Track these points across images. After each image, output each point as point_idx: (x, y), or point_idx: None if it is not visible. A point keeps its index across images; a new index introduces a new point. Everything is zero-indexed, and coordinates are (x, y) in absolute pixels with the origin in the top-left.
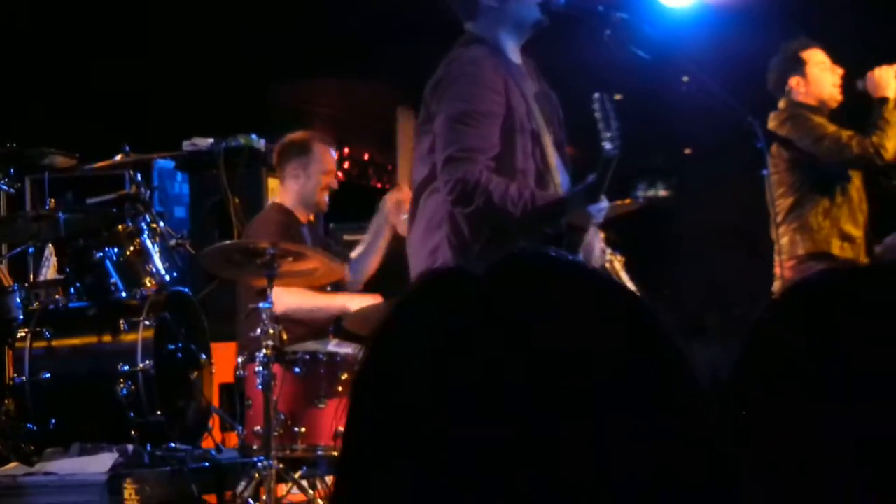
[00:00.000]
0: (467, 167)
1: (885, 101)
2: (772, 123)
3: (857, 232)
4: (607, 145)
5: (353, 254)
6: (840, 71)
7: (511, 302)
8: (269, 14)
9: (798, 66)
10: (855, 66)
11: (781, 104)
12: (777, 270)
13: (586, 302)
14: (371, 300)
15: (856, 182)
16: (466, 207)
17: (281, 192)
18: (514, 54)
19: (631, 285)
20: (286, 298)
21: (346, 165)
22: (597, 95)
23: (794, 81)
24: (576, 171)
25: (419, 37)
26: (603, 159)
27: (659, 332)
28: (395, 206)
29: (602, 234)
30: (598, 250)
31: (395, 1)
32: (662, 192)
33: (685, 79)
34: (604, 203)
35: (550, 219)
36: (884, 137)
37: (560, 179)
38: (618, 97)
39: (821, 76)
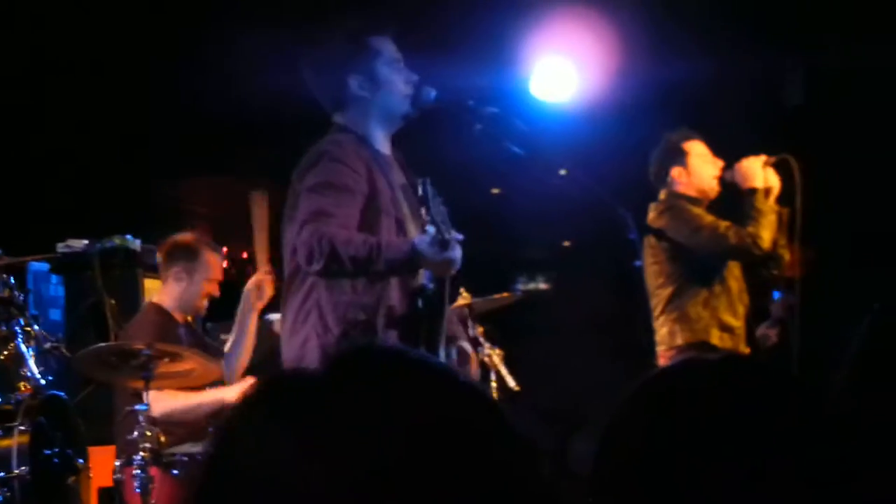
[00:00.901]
0: (316, 227)
1: (754, 191)
2: (651, 213)
3: (736, 322)
4: (431, 229)
5: (225, 348)
6: (720, 163)
7: (348, 403)
8: (146, 112)
9: (679, 157)
10: (729, 156)
11: (662, 195)
12: (660, 361)
13: (427, 399)
14: (244, 384)
15: (734, 272)
16: (317, 264)
17: (160, 291)
18: (383, 145)
19: (510, 379)
20: (162, 402)
21: (224, 264)
22: (419, 181)
23: (675, 172)
24: None
25: (298, 135)
26: (441, 239)
27: (501, 429)
28: (256, 288)
29: (480, 329)
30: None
31: (274, 100)
32: (542, 285)
33: (563, 171)
34: (456, 252)
35: (401, 264)
36: (759, 227)
37: (423, 270)
38: (495, 191)
39: (702, 168)
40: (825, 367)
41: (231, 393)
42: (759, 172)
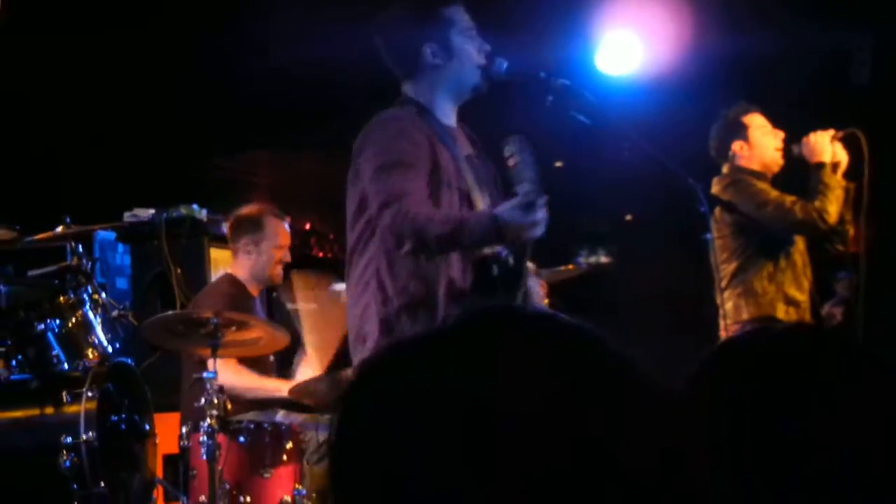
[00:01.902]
0: (395, 209)
1: (822, 165)
2: (715, 188)
3: (801, 296)
4: (521, 190)
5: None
6: (781, 134)
7: (472, 363)
8: (210, 85)
9: (740, 131)
10: (793, 132)
11: (725, 169)
12: (723, 334)
13: (552, 355)
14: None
15: (800, 247)
16: (403, 246)
17: (233, 264)
18: (449, 116)
19: None
20: (226, 376)
21: (287, 242)
22: (512, 138)
23: (736, 146)
24: None
25: (358, 106)
26: (527, 201)
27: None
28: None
29: (546, 302)
30: (538, 295)
31: (333, 72)
32: (604, 259)
33: (627, 146)
34: (541, 213)
35: (485, 236)
36: (826, 202)
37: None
38: (558, 164)
39: (763, 140)
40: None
41: (285, 389)
42: (827, 146)
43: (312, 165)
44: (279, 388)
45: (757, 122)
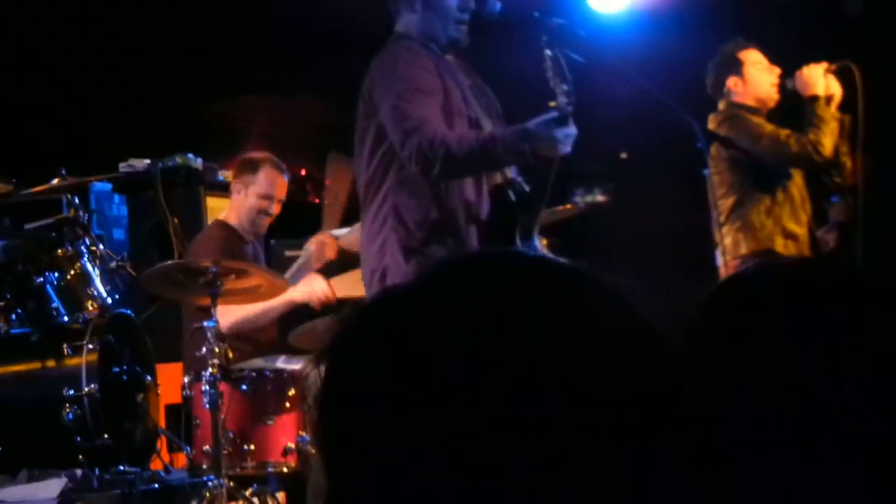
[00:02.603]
0: (423, 131)
1: (815, 98)
2: (711, 124)
3: (800, 230)
4: (562, 100)
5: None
6: (777, 70)
7: (468, 310)
8: (199, 32)
9: (735, 67)
10: (787, 65)
11: (721, 105)
12: (722, 270)
13: (551, 300)
14: (310, 281)
15: (797, 180)
16: (433, 169)
17: (227, 209)
18: (443, 52)
19: None
20: (230, 315)
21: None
22: (549, 52)
23: (731, 82)
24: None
25: (349, 50)
26: (559, 116)
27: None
28: (319, 249)
29: (544, 241)
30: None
31: (323, 15)
32: (600, 197)
33: (622, 83)
34: (571, 129)
35: (517, 150)
36: (820, 135)
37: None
38: (553, 104)
39: (758, 76)
40: (890, 273)
41: (297, 292)
42: (820, 80)
43: (308, 110)
44: (290, 296)
45: (752, 58)
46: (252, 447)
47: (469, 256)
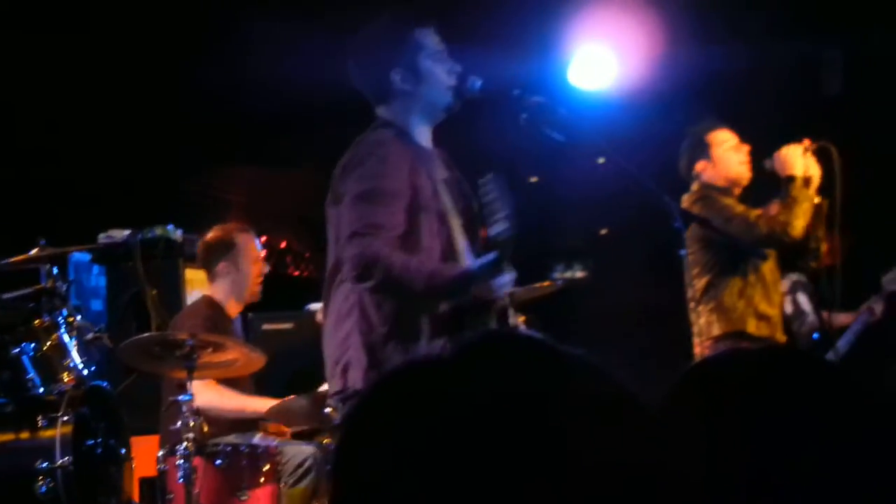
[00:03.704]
0: (369, 242)
1: (792, 179)
2: (685, 203)
3: (772, 311)
4: (496, 229)
5: None
6: (746, 148)
7: (479, 385)
8: (180, 104)
9: (703, 150)
10: (767, 144)
11: (694, 186)
12: (697, 350)
13: (555, 380)
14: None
15: (770, 262)
16: (368, 282)
17: (211, 287)
18: (424, 138)
19: None
20: (204, 395)
21: (263, 254)
22: (487, 178)
23: (700, 166)
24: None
25: (331, 123)
26: (495, 242)
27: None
28: None
29: (521, 318)
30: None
31: (305, 89)
32: (579, 274)
33: (601, 160)
34: (507, 277)
35: (455, 291)
36: (791, 216)
37: (467, 263)
38: (533, 180)
39: (726, 157)
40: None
41: (264, 408)
42: (798, 160)
43: (287, 183)
44: (261, 406)
45: (719, 139)
46: None
47: (485, 338)
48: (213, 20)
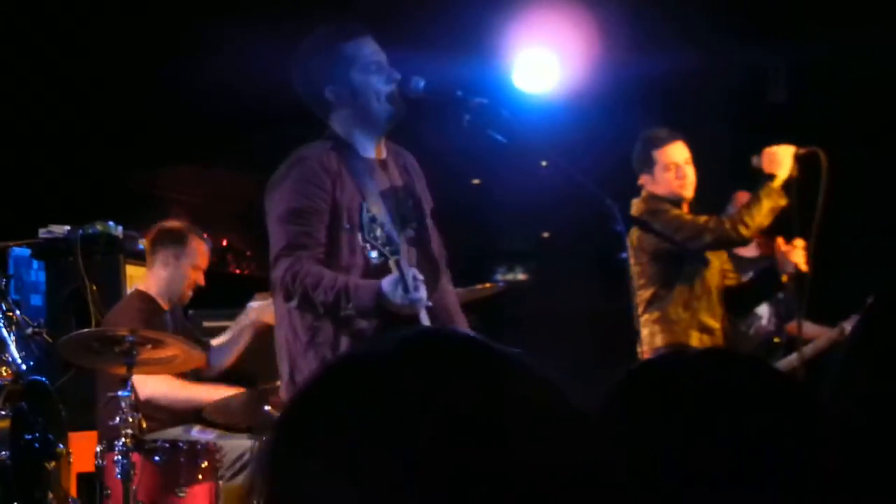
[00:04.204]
0: (290, 262)
1: (772, 178)
2: (633, 210)
3: (715, 324)
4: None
5: (215, 342)
6: (692, 170)
7: (419, 376)
8: (124, 100)
9: (648, 165)
10: (712, 150)
11: (643, 193)
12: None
13: (482, 379)
14: (232, 392)
15: (715, 275)
16: (291, 301)
17: (146, 277)
18: (369, 150)
19: None
20: (151, 385)
21: (204, 264)
22: (396, 258)
23: (643, 179)
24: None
25: (272, 123)
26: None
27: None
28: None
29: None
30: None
31: (250, 89)
32: (521, 276)
33: (544, 163)
34: (420, 292)
35: (366, 307)
36: (746, 214)
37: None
38: (476, 182)
39: (666, 178)
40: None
41: (217, 396)
42: (787, 161)
43: (230, 182)
44: (212, 394)
45: (665, 159)
46: None
47: (410, 339)
48: (163, 18)
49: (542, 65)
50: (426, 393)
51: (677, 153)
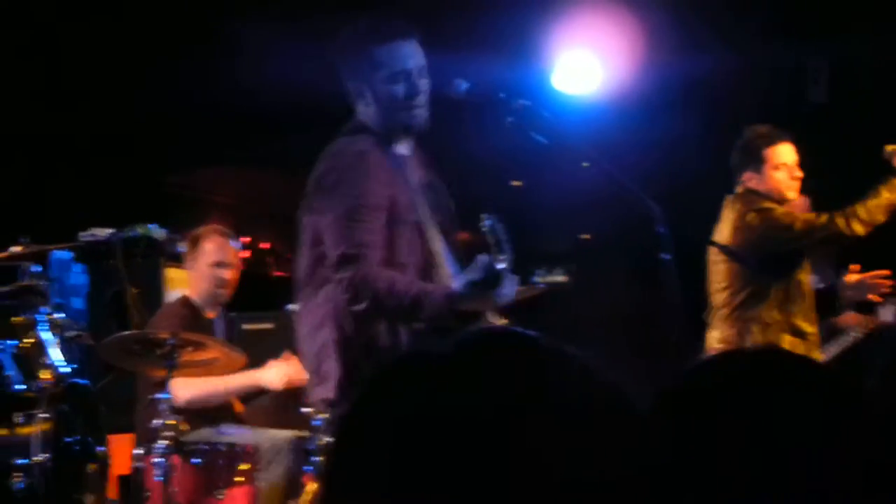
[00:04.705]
0: (359, 264)
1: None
2: (730, 209)
3: (810, 328)
4: (499, 266)
5: None
6: (799, 174)
7: (476, 378)
8: (166, 102)
9: (756, 163)
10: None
11: (739, 189)
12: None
13: (549, 377)
14: (284, 366)
15: (807, 280)
16: (359, 305)
17: (189, 285)
18: (401, 147)
19: None
20: (192, 387)
21: (246, 254)
22: (488, 222)
23: (747, 176)
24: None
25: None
26: (484, 278)
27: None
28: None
29: (503, 321)
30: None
31: (292, 90)
32: (560, 278)
33: (585, 164)
34: (508, 287)
35: (441, 313)
36: (861, 208)
37: (449, 269)
38: (517, 183)
39: (777, 177)
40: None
41: (267, 375)
42: None
43: (272, 183)
44: (256, 378)
45: (776, 158)
46: None
47: (483, 334)
48: (199, 19)
49: (584, 67)
50: (490, 392)
51: (789, 153)
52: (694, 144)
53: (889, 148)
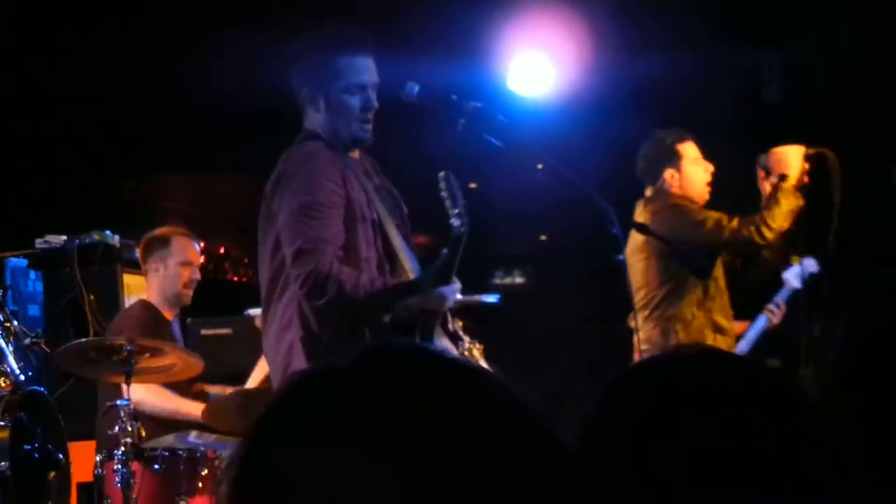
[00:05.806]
0: (318, 258)
1: (783, 178)
2: (643, 212)
3: (728, 324)
4: (455, 222)
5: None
6: (710, 167)
7: (377, 396)
8: (122, 109)
9: (673, 160)
10: (708, 152)
11: (648, 192)
12: (637, 357)
13: (452, 392)
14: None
15: (721, 275)
16: (319, 299)
17: (146, 288)
18: (350, 153)
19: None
20: (143, 396)
21: (201, 260)
22: (442, 174)
23: (668, 174)
24: (427, 259)
25: (271, 130)
26: (452, 237)
27: (531, 415)
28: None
29: (460, 323)
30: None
31: (245, 96)
32: (519, 279)
33: (539, 166)
34: (456, 285)
35: (401, 301)
36: (768, 217)
37: (411, 265)
38: (473, 185)
39: (694, 173)
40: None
41: (198, 411)
42: (796, 160)
43: (227, 189)
44: (195, 410)
45: (690, 154)
46: None
47: (378, 352)
48: (157, 27)
49: (537, 68)
50: (379, 410)
51: (696, 149)
52: None
53: (761, 157)
